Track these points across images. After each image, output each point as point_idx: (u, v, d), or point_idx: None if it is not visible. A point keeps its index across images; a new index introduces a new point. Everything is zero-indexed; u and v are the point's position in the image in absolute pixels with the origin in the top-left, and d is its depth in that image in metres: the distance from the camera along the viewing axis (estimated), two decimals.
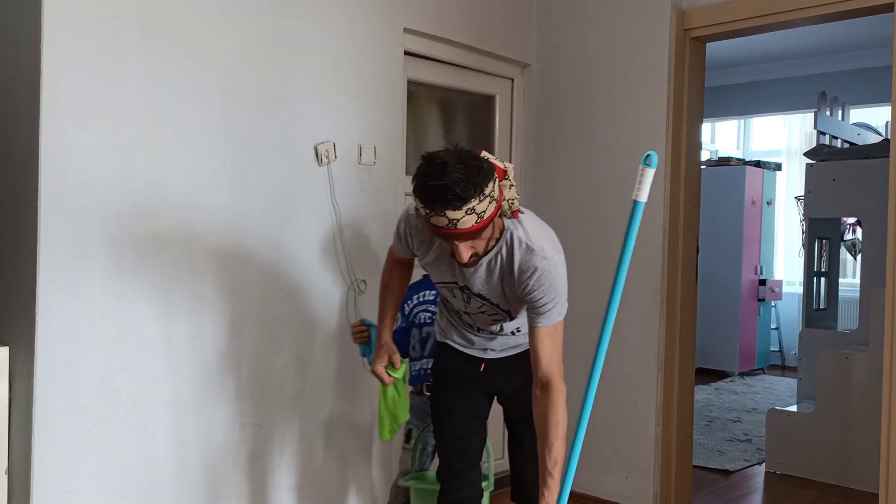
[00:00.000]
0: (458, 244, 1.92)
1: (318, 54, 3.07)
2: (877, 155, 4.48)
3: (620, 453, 3.68)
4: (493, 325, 2.30)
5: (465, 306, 2.24)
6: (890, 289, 3.00)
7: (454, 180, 1.80)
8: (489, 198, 1.86)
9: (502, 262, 2.08)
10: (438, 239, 2.02)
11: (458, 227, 1.85)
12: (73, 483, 2.44)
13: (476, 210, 1.84)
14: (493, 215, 1.90)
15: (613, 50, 3.75)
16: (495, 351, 2.35)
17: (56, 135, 2.38)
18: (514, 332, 2.33)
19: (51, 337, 2.38)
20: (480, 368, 2.36)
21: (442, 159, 1.84)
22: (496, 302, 2.17)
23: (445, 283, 2.23)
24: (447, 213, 1.83)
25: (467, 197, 1.81)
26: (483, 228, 1.90)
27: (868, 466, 3.88)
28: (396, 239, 2.32)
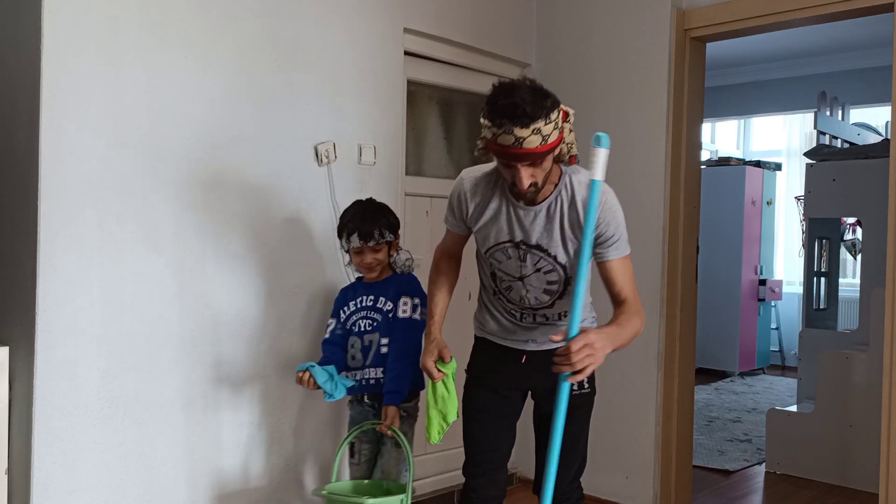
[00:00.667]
0: (520, 169, 1.98)
1: (318, 54, 3.07)
2: (877, 155, 4.48)
3: (620, 453, 3.68)
4: (544, 296, 2.24)
5: (520, 268, 2.20)
6: (890, 289, 3.00)
7: (523, 99, 1.89)
8: (554, 123, 1.94)
9: (562, 206, 2.13)
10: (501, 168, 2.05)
11: (524, 146, 1.92)
12: (73, 483, 2.45)
13: (542, 132, 1.91)
14: (555, 143, 1.97)
15: (613, 50, 3.75)
16: (537, 342, 2.31)
17: (56, 135, 2.38)
18: (560, 315, 2.29)
19: (51, 337, 2.38)
20: (521, 360, 2.33)
21: (512, 82, 1.95)
22: (554, 253, 2.15)
23: (500, 245, 2.20)
24: (515, 130, 1.90)
25: (535, 116, 1.89)
26: (545, 154, 1.96)
27: (868, 466, 3.88)
28: (449, 213, 2.34)
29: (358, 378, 2.73)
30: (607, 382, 3.64)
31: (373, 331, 2.72)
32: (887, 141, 4.75)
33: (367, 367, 2.72)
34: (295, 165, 2.99)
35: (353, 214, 2.70)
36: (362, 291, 2.78)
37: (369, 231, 2.67)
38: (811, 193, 4.80)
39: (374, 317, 2.73)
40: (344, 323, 2.78)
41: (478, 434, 2.38)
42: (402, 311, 2.69)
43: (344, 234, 2.71)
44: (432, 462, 3.71)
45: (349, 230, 2.68)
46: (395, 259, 2.79)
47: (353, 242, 2.68)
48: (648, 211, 3.59)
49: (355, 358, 2.74)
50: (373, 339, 2.71)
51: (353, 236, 2.66)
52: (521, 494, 3.52)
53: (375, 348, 2.71)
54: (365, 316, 2.74)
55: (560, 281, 2.21)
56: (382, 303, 2.73)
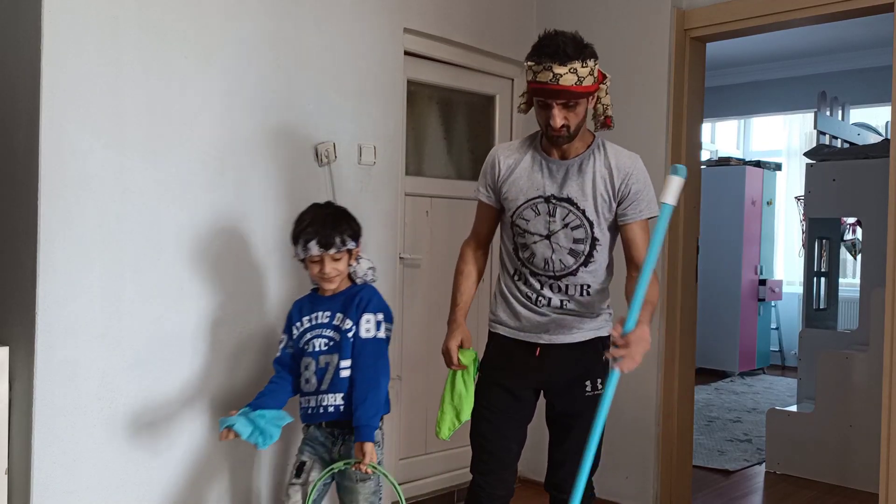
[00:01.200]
0: (555, 107, 2.13)
1: (318, 54, 3.07)
2: (877, 155, 4.48)
3: (620, 453, 3.68)
4: (569, 258, 2.26)
5: (548, 224, 2.26)
6: (890, 289, 3.00)
7: (564, 41, 2.10)
8: (590, 69, 2.12)
9: (595, 163, 2.26)
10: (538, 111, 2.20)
11: (561, 82, 2.09)
12: (73, 483, 2.45)
13: (578, 73, 2.10)
14: (589, 89, 2.14)
15: (613, 50, 3.74)
16: (549, 334, 2.31)
17: (56, 135, 2.38)
18: (582, 290, 2.29)
19: (51, 337, 2.38)
20: (535, 354, 2.33)
21: (556, 30, 2.15)
22: (583, 207, 2.24)
23: (530, 201, 2.28)
24: (553, 67, 2.08)
25: (573, 56, 2.08)
26: (579, 95, 2.12)
27: (868, 466, 3.88)
28: (481, 181, 2.42)
29: (313, 405, 2.45)
30: None
31: (329, 351, 2.43)
32: (887, 141, 4.75)
33: (322, 392, 2.43)
34: (295, 165, 2.99)
35: (313, 219, 2.43)
36: (318, 306, 2.49)
37: (330, 238, 2.39)
38: (811, 193, 4.80)
39: (331, 335, 2.45)
40: (297, 340, 2.50)
41: (488, 433, 2.37)
42: (364, 330, 2.42)
43: (300, 241, 2.41)
44: (432, 462, 3.71)
45: (307, 236, 2.39)
46: (354, 269, 2.52)
47: (311, 250, 2.39)
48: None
49: (309, 381, 2.46)
50: (330, 361, 2.43)
51: (312, 243, 2.38)
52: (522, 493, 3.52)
53: (333, 371, 2.42)
54: (320, 334, 2.46)
55: (586, 239, 2.26)
56: (340, 319, 2.44)
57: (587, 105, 2.21)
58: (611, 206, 2.26)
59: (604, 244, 2.30)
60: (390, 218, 3.38)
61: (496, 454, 2.37)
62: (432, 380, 3.69)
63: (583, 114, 2.20)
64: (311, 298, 2.54)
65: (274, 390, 2.48)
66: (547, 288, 2.31)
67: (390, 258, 3.39)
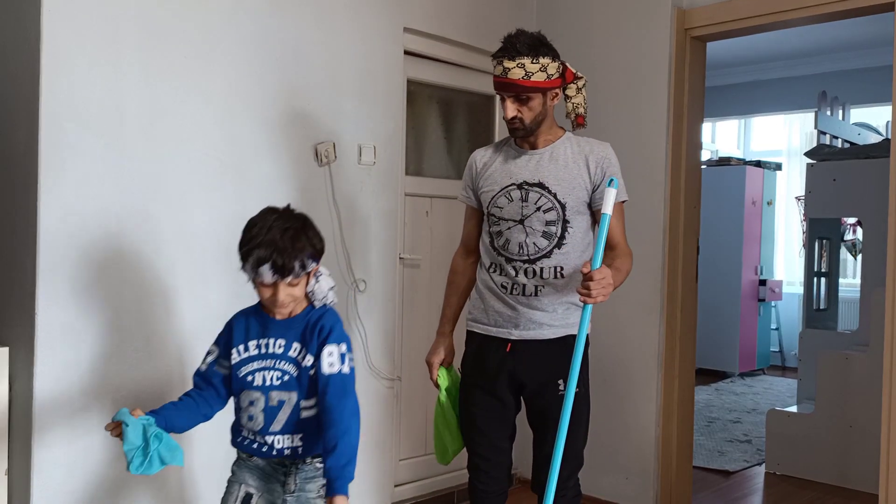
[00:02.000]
0: (506, 99, 2.28)
1: (318, 54, 3.07)
2: (877, 155, 4.48)
3: (620, 454, 3.68)
4: (542, 240, 2.31)
5: (521, 209, 2.33)
6: (890, 289, 3.00)
7: (518, 39, 2.25)
8: (541, 66, 2.24)
9: (567, 150, 2.36)
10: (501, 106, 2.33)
11: (508, 76, 2.25)
12: (73, 483, 2.44)
13: (526, 68, 2.23)
14: (540, 84, 2.25)
15: (613, 50, 3.75)
16: (519, 328, 2.34)
17: (56, 135, 2.38)
18: (556, 273, 2.32)
19: (51, 337, 2.38)
20: (507, 349, 2.36)
21: (519, 29, 2.31)
22: (554, 191, 2.32)
23: (504, 189, 2.36)
24: (504, 61, 2.25)
25: (522, 52, 2.23)
26: (527, 89, 2.24)
27: (868, 467, 3.87)
28: (463, 187, 2.52)
29: (258, 441, 2.03)
30: (608, 383, 3.65)
31: (284, 388, 1.99)
32: (888, 141, 4.75)
33: (273, 433, 2.01)
34: (295, 165, 2.99)
35: (267, 236, 1.92)
36: (270, 331, 2.02)
37: (288, 263, 1.92)
38: (811, 193, 4.79)
39: (287, 369, 2.00)
40: (236, 366, 2.03)
41: (475, 434, 2.43)
42: (327, 365, 1.98)
43: (250, 260, 1.93)
44: (432, 462, 3.70)
45: (259, 259, 1.91)
46: (313, 289, 2.04)
47: (262, 276, 1.93)
48: (648, 211, 3.59)
49: (254, 419, 2.00)
50: (286, 400, 1.99)
51: (265, 268, 1.91)
52: (521, 495, 3.52)
53: (291, 412, 2.00)
54: (273, 366, 2.00)
55: (558, 221, 2.32)
56: (298, 351, 2.01)
57: (544, 101, 2.31)
58: (586, 189, 2.34)
59: (576, 227, 2.34)
60: (390, 218, 3.38)
61: (485, 455, 2.42)
62: None
63: (538, 108, 2.30)
64: (261, 320, 2.05)
65: (189, 408, 2.03)
66: (522, 274, 2.35)
67: (390, 258, 3.39)
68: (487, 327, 2.40)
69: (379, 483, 3.36)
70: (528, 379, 2.37)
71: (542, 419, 2.39)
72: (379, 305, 3.34)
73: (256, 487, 2.06)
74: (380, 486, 3.37)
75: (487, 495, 2.43)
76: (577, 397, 2.35)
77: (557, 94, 2.36)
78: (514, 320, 2.35)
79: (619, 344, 3.66)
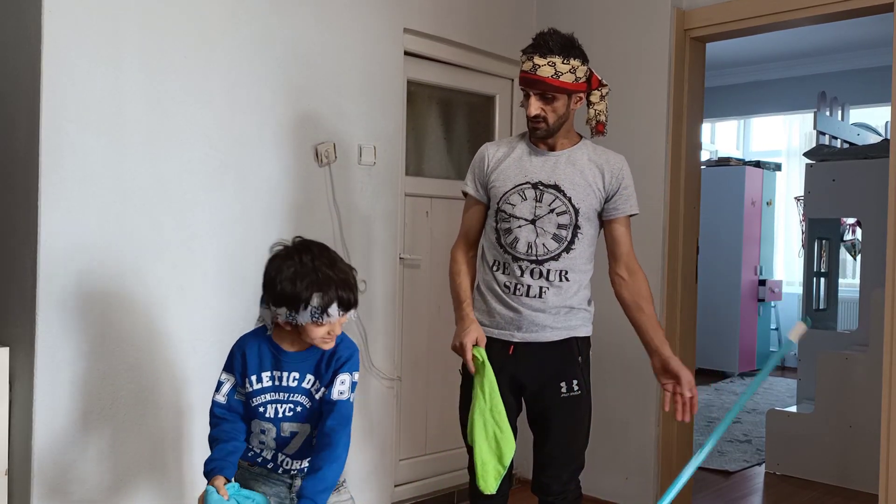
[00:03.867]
0: (532, 96, 2.27)
1: (318, 54, 3.07)
2: (876, 155, 4.48)
3: (620, 454, 3.68)
4: (553, 242, 2.31)
5: (535, 209, 2.32)
6: (890, 289, 3.00)
7: (551, 37, 2.26)
8: (571, 67, 2.25)
9: (584, 156, 2.37)
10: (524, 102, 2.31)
11: (537, 73, 2.24)
12: (73, 483, 2.44)
13: (556, 67, 2.23)
14: (567, 85, 2.25)
15: (613, 50, 3.75)
16: (522, 331, 2.33)
17: (56, 135, 2.38)
18: (561, 276, 2.32)
19: (51, 337, 2.38)
20: (509, 352, 2.35)
21: (554, 30, 2.30)
22: (570, 195, 2.32)
23: (517, 187, 2.35)
24: (534, 57, 2.24)
25: (554, 50, 2.23)
26: (554, 88, 2.24)
27: (868, 467, 3.87)
28: (469, 176, 2.47)
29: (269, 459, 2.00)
30: (608, 383, 3.65)
31: (295, 419, 1.94)
32: (887, 141, 4.75)
33: (288, 455, 1.99)
34: (295, 165, 2.99)
35: (320, 273, 1.84)
36: (285, 364, 1.93)
37: (352, 295, 1.88)
38: (811, 194, 4.80)
39: (298, 400, 1.94)
40: (249, 395, 1.95)
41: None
42: (337, 392, 1.93)
43: (315, 305, 1.82)
44: (432, 463, 3.71)
45: (325, 299, 1.82)
46: None
47: (331, 316, 1.84)
48: (648, 211, 3.59)
49: (265, 445, 1.97)
50: (298, 431, 1.96)
51: (334, 307, 1.83)
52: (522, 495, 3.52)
53: (304, 441, 1.97)
54: (286, 399, 1.94)
55: (570, 226, 2.32)
56: (311, 383, 1.95)
57: (569, 103, 2.30)
58: (599, 198, 2.35)
59: (585, 234, 2.35)
60: (390, 218, 3.38)
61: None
62: (432, 380, 3.69)
63: (562, 110, 2.29)
64: (273, 350, 1.95)
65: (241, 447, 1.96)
66: (528, 274, 2.33)
67: (390, 258, 3.39)
68: (489, 329, 2.39)
69: (379, 483, 3.36)
70: (529, 381, 2.36)
71: (543, 421, 2.38)
72: (379, 305, 3.34)
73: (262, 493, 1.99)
74: (380, 486, 3.37)
75: (490, 498, 2.39)
76: (578, 399, 2.35)
77: (581, 99, 2.34)
78: (516, 323, 2.35)
79: (619, 344, 3.65)
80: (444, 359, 3.72)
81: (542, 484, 2.38)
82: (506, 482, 2.45)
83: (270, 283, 1.85)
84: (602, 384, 3.56)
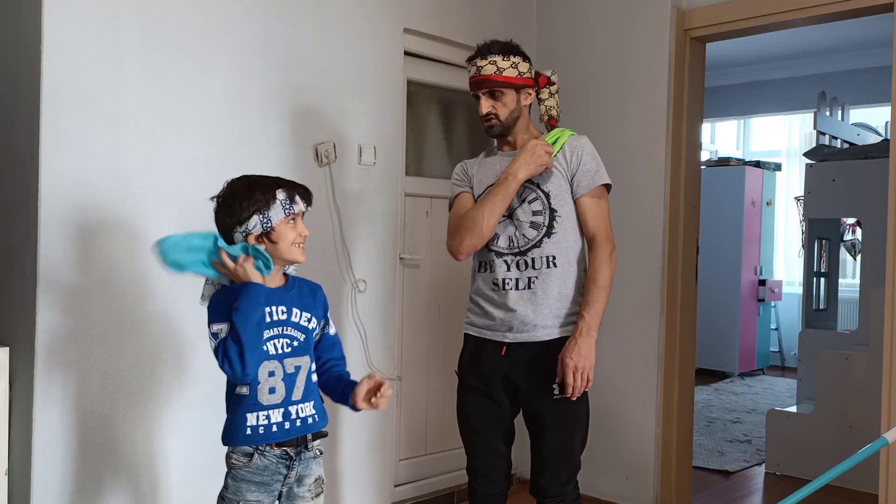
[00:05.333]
0: (481, 97, 2.37)
1: (318, 54, 3.07)
2: (876, 155, 4.48)
3: (620, 454, 3.68)
4: (531, 230, 2.34)
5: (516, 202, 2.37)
6: (890, 289, 3.00)
7: (490, 42, 2.38)
8: (511, 64, 2.34)
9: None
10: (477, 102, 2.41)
11: (481, 72, 2.34)
12: (74, 483, 2.44)
13: (497, 64, 2.33)
14: (511, 80, 2.34)
15: (613, 50, 3.75)
16: (514, 331, 2.33)
17: (56, 135, 2.38)
18: (548, 262, 2.33)
19: (51, 337, 2.38)
20: (502, 353, 2.36)
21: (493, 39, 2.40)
22: (537, 181, 2.37)
23: (490, 187, 2.40)
24: (476, 61, 2.36)
25: (494, 51, 2.35)
26: (499, 84, 2.33)
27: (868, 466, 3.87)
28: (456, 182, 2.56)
29: (277, 420, 1.94)
30: (608, 383, 3.65)
31: (294, 353, 1.98)
32: (887, 141, 4.75)
33: (295, 402, 1.97)
34: (295, 165, 2.99)
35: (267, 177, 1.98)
36: (270, 299, 1.95)
37: (306, 190, 2.00)
38: (811, 194, 4.80)
39: (294, 335, 1.99)
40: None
41: (471, 436, 2.44)
42: (332, 329, 2.11)
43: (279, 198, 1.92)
44: (432, 463, 3.71)
45: (287, 189, 1.95)
46: None
47: (298, 204, 1.95)
48: (648, 211, 3.59)
49: (276, 391, 1.94)
50: (300, 365, 1.98)
51: (297, 197, 1.95)
52: (521, 495, 3.52)
53: (306, 376, 1.99)
54: (281, 333, 1.96)
55: (544, 211, 2.35)
56: (298, 315, 2.00)
57: (518, 98, 2.38)
58: (566, 177, 2.37)
59: (564, 218, 2.36)
60: (390, 218, 3.38)
61: (482, 457, 2.42)
62: (432, 380, 3.69)
63: (512, 104, 2.37)
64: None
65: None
66: (514, 268, 2.35)
67: (390, 258, 3.39)
68: (482, 330, 2.40)
69: (379, 483, 3.36)
70: (522, 381, 2.36)
71: (538, 422, 2.38)
72: (379, 305, 3.34)
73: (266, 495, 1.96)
74: (380, 486, 3.37)
75: (487, 498, 2.43)
76: (573, 401, 2.33)
77: (531, 94, 2.42)
78: (507, 323, 2.35)
79: (619, 344, 3.66)
80: (444, 359, 3.72)
81: (540, 486, 2.38)
82: (504, 483, 2.46)
83: (231, 208, 1.94)
84: (602, 384, 3.56)
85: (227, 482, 1.96)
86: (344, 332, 3.11)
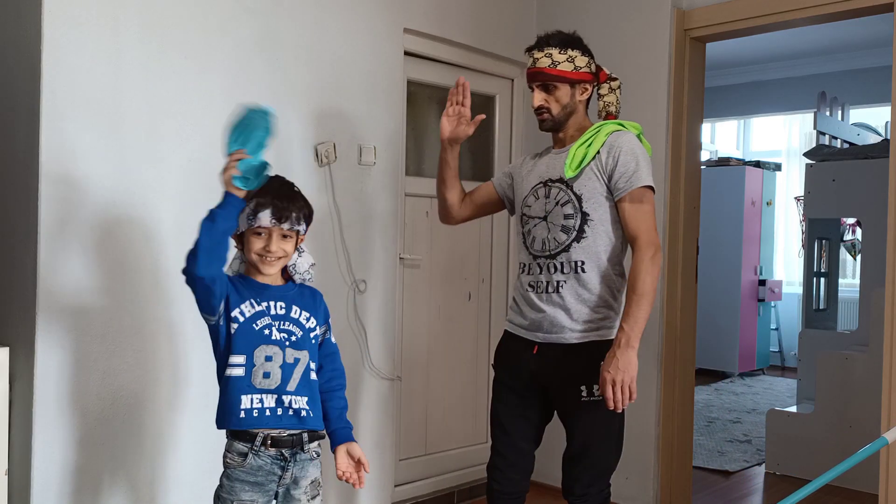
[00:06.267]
0: (535, 89, 2.36)
1: (318, 54, 3.07)
2: (876, 155, 4.48)
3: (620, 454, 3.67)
4: (562, 234, 2.30)
5: (545, 206, 2.36)
6: (890, 289, 3.00)
7: (550, 34, 2.36)
8: (569, 57, 2.32)
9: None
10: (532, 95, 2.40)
11: (537, 65, 2.33)
12: (74, 483, 2.44)
13: (553, 57, 2.31)
14: (566, 74, 2.31)
15: (613, 50, 3.74)
16: (544, 332, 2.32)
17: (56, 134, 2.38)
18: (579, 265, 2.29)
19: (51, 337, 2.38)
20: (533, 351, 2.36)
21: (557, 30, 2.39)
22: (571, 183, 2.32)
23: (533, 189, 2.41)
24: (534, 53, 2.35)
25: (552, 44, 2.32)
26: (554, 78, 2.31)
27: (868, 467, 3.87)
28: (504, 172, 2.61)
29: (271, 405, 1.95)
30: None
31: (294, 346, 1.99)
32: (887, 141, 4.75)
33: (289, 392, 1.96)
34: (295, 165, 2.99)
35: (273, 186, 2.01)
36: (264, 294, 2.00)
37: (286, 210, 1.97)
38: (811, 194, 4.80)
39: (292, 330, 2.01)
40: (251, 319, 1.98)
41: (496, 431, 2.46)
42: (332, 337, 2.16)
43: (248, 208, 1.96)
44: (432, 462, 3.71)
45: (259, 204, 1.95)
46: (295, 263, 2.08)
47: (260, 220, 1.95)
48: None
49: (271, 376, 1.95)
50: (300, 358, 2.00)
51: (264, 213, 1.94)
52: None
53: (304, 370, 2.00)
54: (280, 326, 1.99)
55: (576, 214, 2.30)
56: (298, 313, 2.03)
57: (572, 93, 2.35)
58: (602, 180, 2.29)
59: (597, 221, 2.29)
60: (390, 218, 3.38)
61: (503, 453, 2.42)
62: (432, 380, 3.69)
63: (565, 99, 2.34)
64: (247, 283, 2.02)
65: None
66: (546, 270, 2.35)
67: (390, 258, 3.39)
68: (517, 328, 2.42)
69: (379, 483, 3.36)
70: (549, 382, 2.35)
71: (566, 422, 2.38)
72: (379, 305, 3.34)
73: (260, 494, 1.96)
74: (380, 486, 3.37)
75: (502, 496, 2.42)
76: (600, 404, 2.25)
77: (587, 90, 2.37)
78: (538, 323, 2.35)
79: None
80: (444, 359, 3.72)
81: (565, 485, 2.39)
82: (522, 483, 2.44)
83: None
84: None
85: (223, 481, 1.99)
86: (344, 332, 3.11)
